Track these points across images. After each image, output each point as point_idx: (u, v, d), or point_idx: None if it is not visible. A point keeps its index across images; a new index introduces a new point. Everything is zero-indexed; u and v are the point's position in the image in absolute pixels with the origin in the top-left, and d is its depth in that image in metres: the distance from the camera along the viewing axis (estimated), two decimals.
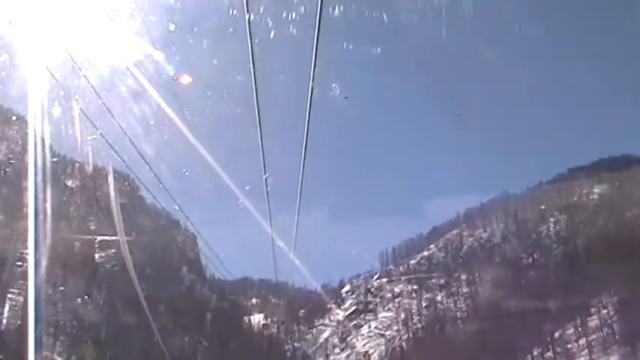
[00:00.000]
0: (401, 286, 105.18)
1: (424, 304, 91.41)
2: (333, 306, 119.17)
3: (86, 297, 51.50)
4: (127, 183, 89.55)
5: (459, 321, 75.09)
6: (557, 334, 53.37)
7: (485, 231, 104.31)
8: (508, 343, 56.38)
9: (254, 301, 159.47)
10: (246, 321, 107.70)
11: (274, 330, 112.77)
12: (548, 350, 54.31)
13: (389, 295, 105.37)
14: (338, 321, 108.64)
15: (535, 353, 55.18)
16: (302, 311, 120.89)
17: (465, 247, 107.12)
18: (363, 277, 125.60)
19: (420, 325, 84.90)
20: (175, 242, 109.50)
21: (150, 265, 77.21)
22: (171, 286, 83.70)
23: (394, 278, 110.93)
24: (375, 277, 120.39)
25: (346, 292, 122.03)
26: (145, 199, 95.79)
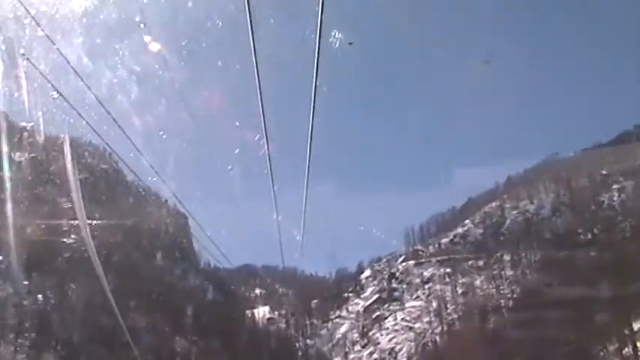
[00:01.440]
0: (431, 269, 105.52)
1: (460, 291, 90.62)
2: (351, 295, 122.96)
3: (44, 294, 50.65)
4: (100, 157, 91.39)
5: (503, 311, 73.72)
6: (625, 330, 50.64)
7: (531, 202, 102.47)
8: (563, 338, 54.39)
9: (258, 291, 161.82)
10: (249, 315, 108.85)
11: (282, 325, 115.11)
12: (615, 348, 51.87)
13: (417, 280, 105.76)
14: (357, 312, 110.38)
15: (595, 351, 52.96)
16: (314, 302, 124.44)
17: (508, 221, 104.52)
18: (385, 259, 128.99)
19: (455, 316, 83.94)
20: (163, 225, 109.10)
21: (132, 251, 76.63)
22: (159, 277, 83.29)
23: (423, 260, 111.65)
24: (401, 259, 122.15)
25: (366, 278, 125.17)
26: (125, 175, 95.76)
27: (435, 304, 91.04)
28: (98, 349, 49.10)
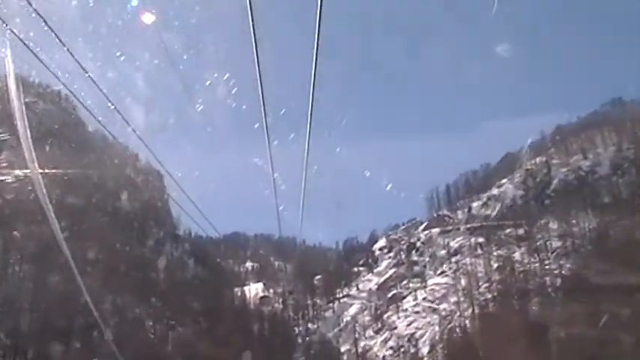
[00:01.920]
0: (460, 239, 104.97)
1: (495, 266, 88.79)
2: (362, 269, 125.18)
3: None
4: (58, 100, 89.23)
5: (549, 291, 72.21)
6: None
7: (585, 157, 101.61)
8: (623, 328, 52.73)
9: (249, 265, 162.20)
10: (238, 294, 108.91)
11: (278, 305, 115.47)
12: None
13: (442, 252, 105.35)
14: (370, 291, 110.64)
15: None
16: (317, 278, 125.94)
17: (555, 181, 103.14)
18: (404, 227, 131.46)
19: (489, 297, 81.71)
20: (133, 184, 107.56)
21: (94, 214, 75.18)
22: (127, 246, 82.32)
23: (450, 228, 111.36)
24: (422, 226, 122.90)
25: (380, 250, 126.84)
26: (86, 125, 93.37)
27: (463, 282, 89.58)
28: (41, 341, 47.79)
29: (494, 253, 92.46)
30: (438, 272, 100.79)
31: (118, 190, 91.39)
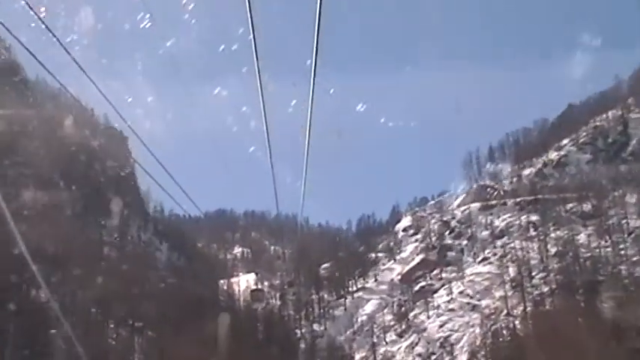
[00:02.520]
0: (507, 216, 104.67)
1: (553, 251, 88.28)
2: (381, 256, 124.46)
3: None
4: None
5: (625, 282, 70.21)
6: None
7: None
8: None
9: (238, 251, 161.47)
10: (224, 287, 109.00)
11: (275, 301, 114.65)
12: None
13: (485, 233, 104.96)
14: (391, 283, 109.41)
15: None
16: (325, 267, 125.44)
17: (634, 142, 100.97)
18: (434, 201, 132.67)
19: (545, 290, 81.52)
20: (87, 148, 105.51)
21: (31, 184, 73.60)
22: (80, 228, 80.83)
23: (494, 203, 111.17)
24: (458, 200, 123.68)
25: (405, 231, 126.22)
26: (23, 70, 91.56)
27: (512, 271, 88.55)
28: None
29: (552, 235, 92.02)
30: (479, 259, 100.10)
31: (67, 154, 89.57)
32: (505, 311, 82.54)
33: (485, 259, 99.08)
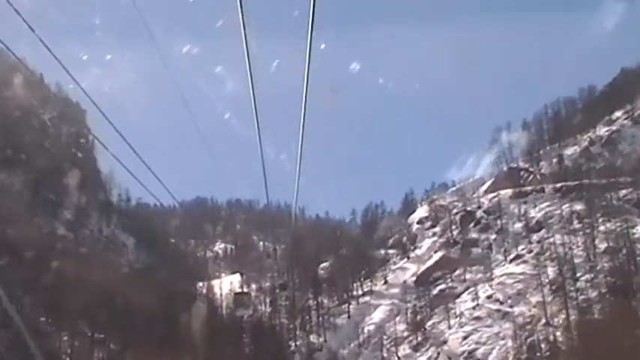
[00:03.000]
0: (545, 205, 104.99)
1: (602, 247, 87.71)
2: (391, 252, 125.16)
3: None
4: None
5: None
6: None
7: None
8: None
9: (219, 247, 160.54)
10: (203, 291, 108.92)
11: (264, 307, 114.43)
12: None
13: (518, 225, 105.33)
14: (405, 285, 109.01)
15: None
16: (324, 266, 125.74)
17: None
18: (457, 187, 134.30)
19: (593, 295, 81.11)
20: (35, 122, 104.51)
21: None
22: (28, 219, 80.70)
23: (529, 189, 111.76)
24: (485, 186, 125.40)
25: (420, 223, 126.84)
26: None
27: (551, 271, 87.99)
28: None
29: (601, 228, 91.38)
30: (511, 257, 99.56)
31: (10, 128, 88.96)
32: (543, 320, 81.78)
33: (518, 256, 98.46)
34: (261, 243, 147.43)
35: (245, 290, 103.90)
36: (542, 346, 77.14)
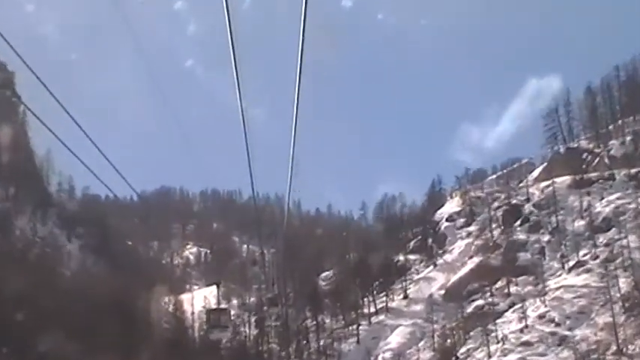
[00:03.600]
0: (615, 197, 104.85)
1: None
2: (413, 258, 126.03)
3: None
4: None
5: None
6: None
7: None
8: None
9: (190, 251, 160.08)
10: (168, 308, 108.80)
11: (246, 330, 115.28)
12: None
13: (580, 223, 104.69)
14: (430, 300, 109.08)
15: None
16: (326, 276, 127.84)
17: None
18: (497, 173, 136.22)
19: None
20: None
21: None
22: None
23: (593, 175, 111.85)
24: (536, 171, 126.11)
25: (451, 220, 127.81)
26: None
27: (624, 283, 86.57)
28: None
29: None
30: (570, 264, 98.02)
31: None
32: (614, 347, 79.55)
33: (579, 264, 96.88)
34: (245, 246, 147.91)
35: (222, 306, 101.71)
36: None
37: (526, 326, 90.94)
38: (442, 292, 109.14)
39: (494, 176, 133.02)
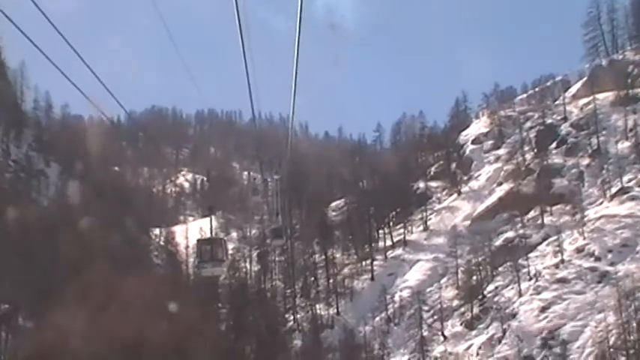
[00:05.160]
0: None
1: None
2: (434, 185, 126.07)
3: None
4: None
5: None
6: None
7: None
8: None
9: (185, 179, 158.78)
10: (159, 240, 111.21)
11: (247, 264, 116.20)
12: None
13: (624, 145, 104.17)
14: (454, 233, 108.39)
15: None
16: (337, 206, 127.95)
17: None
18: (530, 91, 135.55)
19: None
20: None
21: None
22: None
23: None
24: (574, 87, 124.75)
25: (477, 142, 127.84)
26: None
27: None
28: None
29: None
30: (613, 191, 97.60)
31: None
32: None
33: (623, 190, 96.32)
34: (245, 173, 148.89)
35: (216, 236, 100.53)
36: None
37: (562, 261, 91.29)
38: (467, 223, 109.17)
39: (524, 95, 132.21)
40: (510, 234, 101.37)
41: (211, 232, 46.96)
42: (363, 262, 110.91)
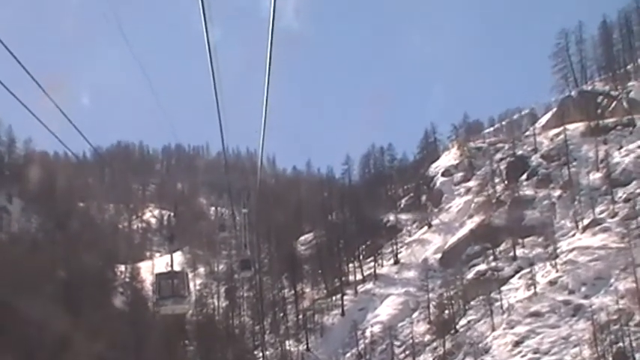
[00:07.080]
0: (637, 145, 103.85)
1: None
2: (404, 219, 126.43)
3: None
4: None
5: None
6: None
7: None
8: None
9: (151, 215, 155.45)
10: (125, 277, 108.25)
11: (215, 300, 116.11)
12: None
13: (595, 177, 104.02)
14: (425, 266, 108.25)
15: None
16: (306, 239, 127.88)
17: None
18: (500, 122, 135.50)
19: None
20: None
21: None
22: None
23: (611, 121, 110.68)
24: (544, 118, 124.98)
25: (447, 174, 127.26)
26: None
27: None
28: None
29: None
30: (585, 222, 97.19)
31: None
32: (637, 317, 79.21)
33: (596, 222, 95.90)
34: (213, 208, 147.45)
35: (175, 269, 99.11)
36: (638, 357, 74.95)
37: (535, 294, 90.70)
38: (438, 256, 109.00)
39: (497, 125, 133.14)
40: (482, 267, 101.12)
41: (172, 265, 44.85)
42: (333, 297, 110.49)
